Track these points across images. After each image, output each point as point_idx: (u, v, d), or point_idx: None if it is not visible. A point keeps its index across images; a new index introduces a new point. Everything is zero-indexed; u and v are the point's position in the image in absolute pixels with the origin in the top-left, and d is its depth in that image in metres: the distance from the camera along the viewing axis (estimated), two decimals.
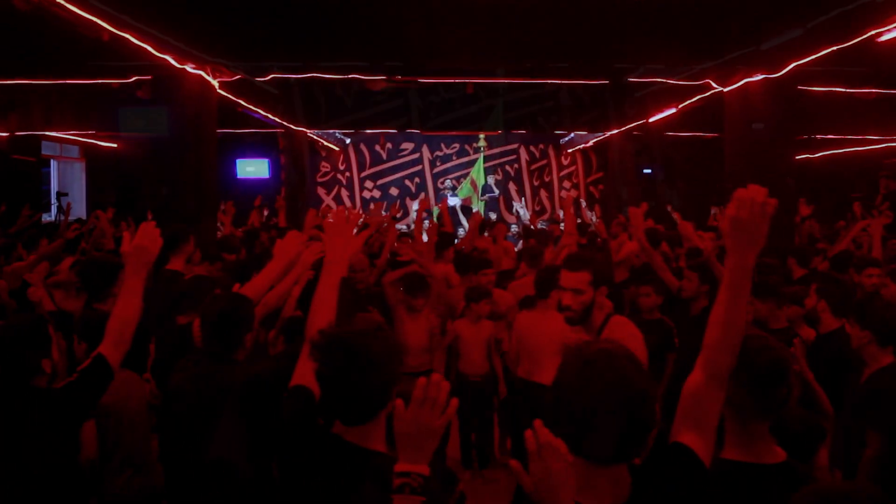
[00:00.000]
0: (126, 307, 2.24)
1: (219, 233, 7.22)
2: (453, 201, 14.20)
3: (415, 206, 13.22)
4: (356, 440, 1.61)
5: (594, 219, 12.39)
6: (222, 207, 7.18)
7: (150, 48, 5.91)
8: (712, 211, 10.27)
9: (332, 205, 14.76)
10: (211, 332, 2.39)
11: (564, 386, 1.32)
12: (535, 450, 1.25)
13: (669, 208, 6.38)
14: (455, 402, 1.40)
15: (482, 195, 14.56)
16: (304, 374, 1.76)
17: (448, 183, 14.79)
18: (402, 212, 13.32)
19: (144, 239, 2.31)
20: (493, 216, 13.19)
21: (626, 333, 2.41)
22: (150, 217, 2.62)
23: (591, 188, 15.59)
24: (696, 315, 3.99)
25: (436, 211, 14.06)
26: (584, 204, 12.95)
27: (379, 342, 1.61)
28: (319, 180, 15.34)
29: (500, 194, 14.84)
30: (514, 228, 12.96)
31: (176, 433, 2.46)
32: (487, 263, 4.99)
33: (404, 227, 11.21)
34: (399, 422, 1.40)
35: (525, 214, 13.33)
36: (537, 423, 1.27)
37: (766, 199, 1.45)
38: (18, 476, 2.04)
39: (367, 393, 1.59)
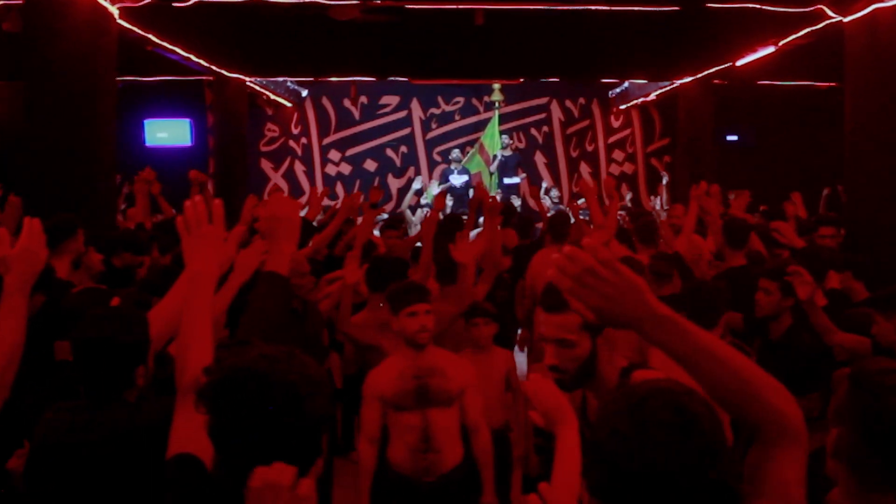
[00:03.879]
0: (7, 335, 2.25)
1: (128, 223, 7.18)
2: (459, 180, 14.19)
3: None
4: None
5: (660, 206, 12.43)
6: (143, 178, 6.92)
7: None
8: (825, 192, 10.30)
9: (282, 184, 14.80)
10: (87, 364, 2.39)
11: (610, 437, 1.36)
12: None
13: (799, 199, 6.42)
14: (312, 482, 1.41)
15: (493, 169, 14.52)
16: (188, 436, 1.77)
17: (455, 154, 14.66)
18: (383, 194, 13.33)
19: (32, 240, 2.33)
20: (515, 201, 13.21)
21: None
22: (13, 199, 2.67)
23: (654, 161, 15.60)
24: (777, 339, 4.09)
25: (430, 194, 14.09)
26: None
27: (297, 369, 1.56)
28: (264, 149, 15.37)
29: (525, 175, 14.79)
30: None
31: None
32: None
33: (384, 214, 11.23)
34: None
35: (555, 199, 13.35)
36: None
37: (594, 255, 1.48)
38: None
39: (288, 444, 1.53)
